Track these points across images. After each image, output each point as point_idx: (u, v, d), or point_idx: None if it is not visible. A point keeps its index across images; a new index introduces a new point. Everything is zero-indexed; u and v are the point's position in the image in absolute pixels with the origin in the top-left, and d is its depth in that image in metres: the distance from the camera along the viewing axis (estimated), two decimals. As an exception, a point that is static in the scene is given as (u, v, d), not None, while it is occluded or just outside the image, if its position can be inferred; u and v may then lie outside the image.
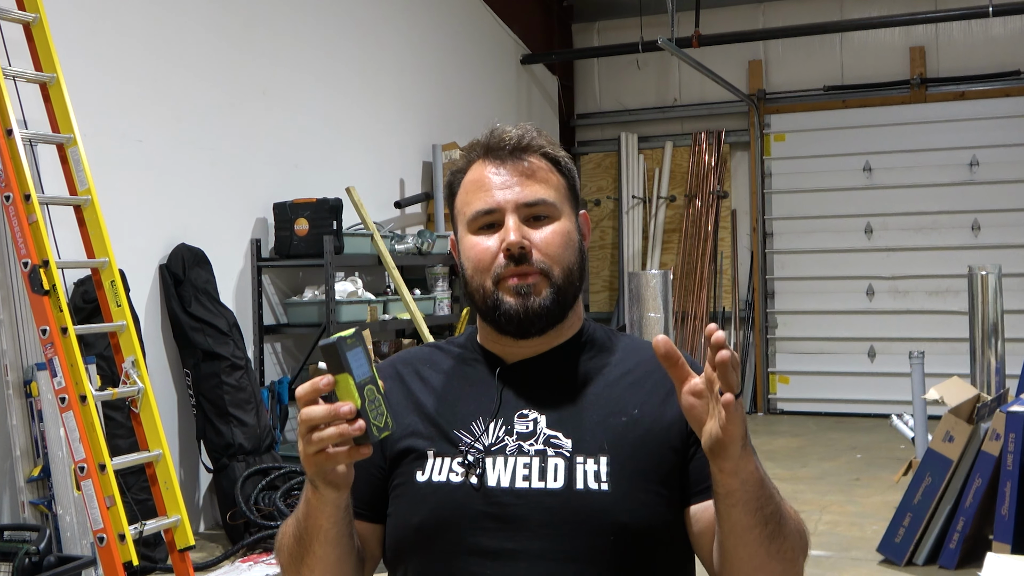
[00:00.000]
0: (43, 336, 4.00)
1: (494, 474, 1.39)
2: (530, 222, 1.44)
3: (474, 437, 1.42)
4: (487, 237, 1.45)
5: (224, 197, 5.86)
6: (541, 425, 1.41)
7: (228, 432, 5.27)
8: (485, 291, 1.44)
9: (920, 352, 5.43)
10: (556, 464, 1.38)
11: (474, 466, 1.39)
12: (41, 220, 4.08)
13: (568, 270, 1.44)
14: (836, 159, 9.19)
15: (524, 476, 1.38)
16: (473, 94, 8.61)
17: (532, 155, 1.47)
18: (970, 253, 8.47)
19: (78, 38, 4.88)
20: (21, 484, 4.37)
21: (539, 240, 1.43)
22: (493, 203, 1.44)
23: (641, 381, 1.46)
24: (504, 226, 1.43)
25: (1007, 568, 2.41)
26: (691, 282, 9.57)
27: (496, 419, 1.43)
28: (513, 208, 1.43)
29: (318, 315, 6.01)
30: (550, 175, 1.47)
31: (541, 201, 1.44)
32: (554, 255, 1.43)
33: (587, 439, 1.39)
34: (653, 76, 9.98)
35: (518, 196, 1.44)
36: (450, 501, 1.39)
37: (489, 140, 1.49)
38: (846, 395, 9.12)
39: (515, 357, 1.48)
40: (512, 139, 1.48)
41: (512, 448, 1.40)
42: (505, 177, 1.45)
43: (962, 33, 8.99)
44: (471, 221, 1.46)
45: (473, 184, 1.48)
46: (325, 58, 6.74)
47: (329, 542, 1.32)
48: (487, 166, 1.47)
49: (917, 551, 4.69)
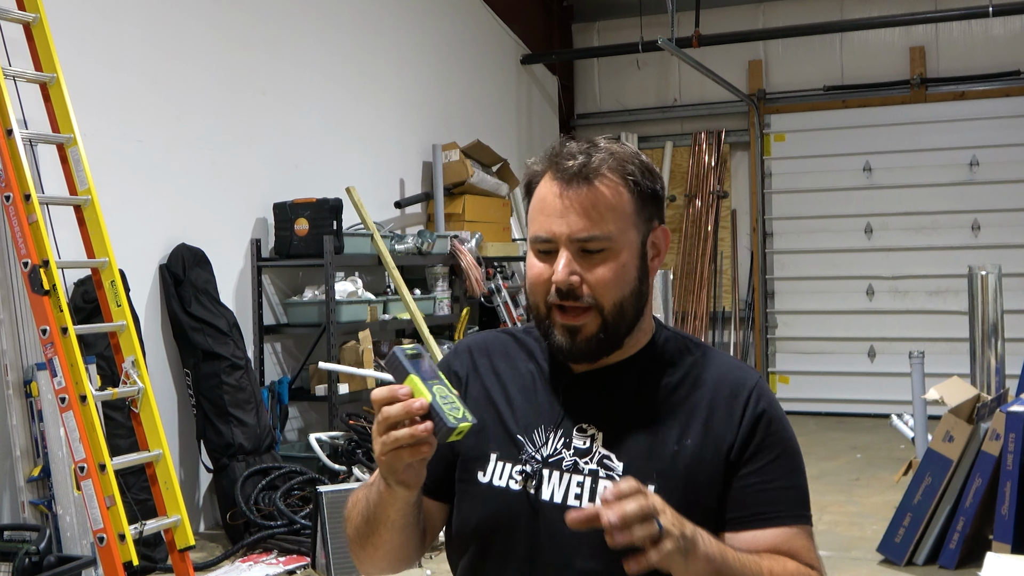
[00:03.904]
0: (43, 336, 4.00)
1: (548, 488, 1.44)
2: (584, 256, 1.43)
3: (535, 447, 1.47)
4: (544, 260, 1.45)
5: (224, 197, 5.86)
6: (598, 443, 1.45)
7: (228, 432, 5.27)
8: (539, 312, 1.47)
9: (920, 352, 5.43)
10: (606, 487, 1.39)
11: (532, 477, 1.44)
12: (41, 220, 4.08)
13: (619, 304, 1.44)
14: (836, 159, 9.18)
15: (576, 495, 1.42)
16: (473, 94, 8.61)
17: (601, 180, 1.43)
18: (970, 253, 8.46)
19: (78, 38, 4.88)
20: (21, 484, 4.37)
21: (591, 277, 1.42)
22: (549, 233, 1.43)
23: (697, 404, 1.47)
24: (557, 259, 1.43)
25: (1007, 568, 2.41)
26: (691, 282, 9.57)
27: (558, 430, 1.47)
28: (566, 242, 1.42)
29: (318, 315, 6.01)
30: (620, 201, 1.44)
31: (595, 237, 1.42)
32: (605, 292, 1.43)
33: (638, 464, 1.42)
34: (653, 76, 9.98)
35: (572, 230, 1.42)
36: (507, 509, 1.45)
37: (559, 155, 1.46)
38: (846, 395, 9.12)
39: (583, 367, 1.50)
40: (579, 162, 1.43)
41: (568, 464, 1.45)
42: (566, 204, 1.43)
43: (962, 33, 8.98)
44: (532, 241, 1.47)
45: (539, 202, 1.47)
46: (325, 58, 6.74)
47: (396, 531, 1.41)
48: (553, 185, 1.45)
49: (917, 551, 4.69)
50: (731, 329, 9.49)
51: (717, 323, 9.54)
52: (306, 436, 5.74)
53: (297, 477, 5.21)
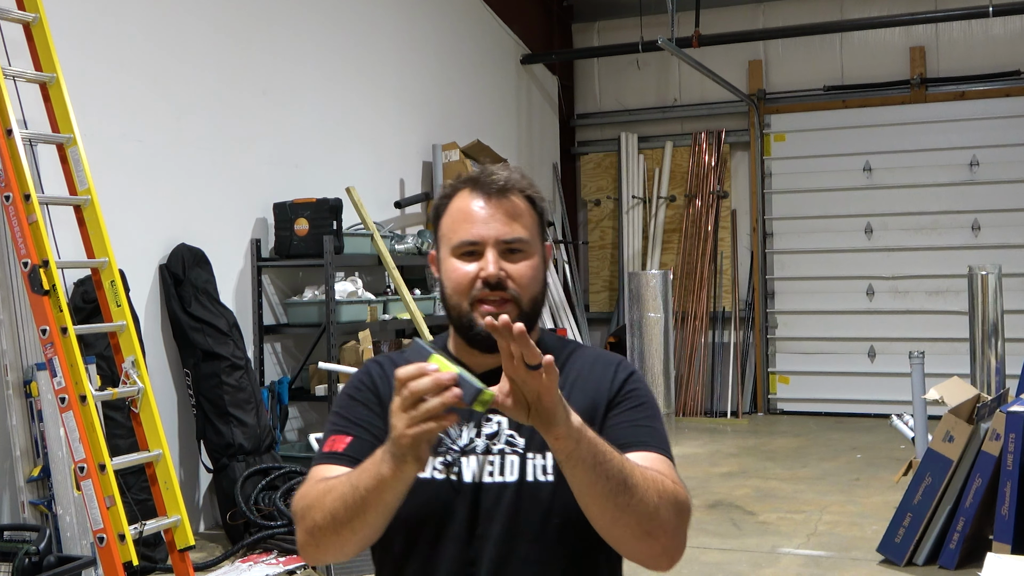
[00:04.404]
0: (43, 336, 4.00)
1: (468, 471, 1.64)
2: (506, 255, 1.66)
3: (451, 439, 1.66)
4: (468, 263, 1.66)
5: (224, 197, 5.86)
6: (504, 427, 1.67)
7: (228, 432, 5.27)
8: (461, 310, 1.66)
9: (920, 352, 5.43)
10: (512, 461, 1.64)
11: (452, 465, 1.64)
12: (41, 220, 4.08)
13: (535, 299, 1.68)
14: (836, 159, 9.19)
15: (489, 472, 1.64)
16: (473, 94, 8.61)
17: (514, 195, 1.69)
18: (970, 253, 8.47)
19: (78, 38, 4.88)
20: (21, 484, 4.37)
21: (514, 272, 1.65)
22: (477, 236, 1.65)
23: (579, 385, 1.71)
24: (484, 257, 1.65)
25: (1007, 568, 2.42)
26: (691, 282, 9.57)
27: (468, 422, 1.67)
28: (494, 243, 1.65)
29: (318, 315, 6.01)
30: (527, 214, 1.69)
31: (518, 240, 1.66)
32: (525, 286, 1.66)
33: (537, 438, 1.57)
34: (653, 76, 9.98)
35: (499, 233, 1.65)
36: (434, 498, 1.63)
37: (480, 175, 1.70)
38: (846, 395, 9.12)
39: (483, 367, 1.67)
40: (500, 180, 1.68)
41: (481, 447, 1.66)
42: (490, 212, 1.66)
43: (962, 33, 8.99)
44: (455, 247, 1.67)
45: (460, 212, 1.68)
46: (325, 58, 6.75)
47: (383, 514, 1.51)
48: (474, 198, 1.68)
49: (917, 551, 4.69)
50: (731, 329, 9.49)
51: (717, 323, 9.54)
52: (306, 436, 5.74)
53: (297, 477, 5.21)
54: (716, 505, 5.96)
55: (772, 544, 5.17)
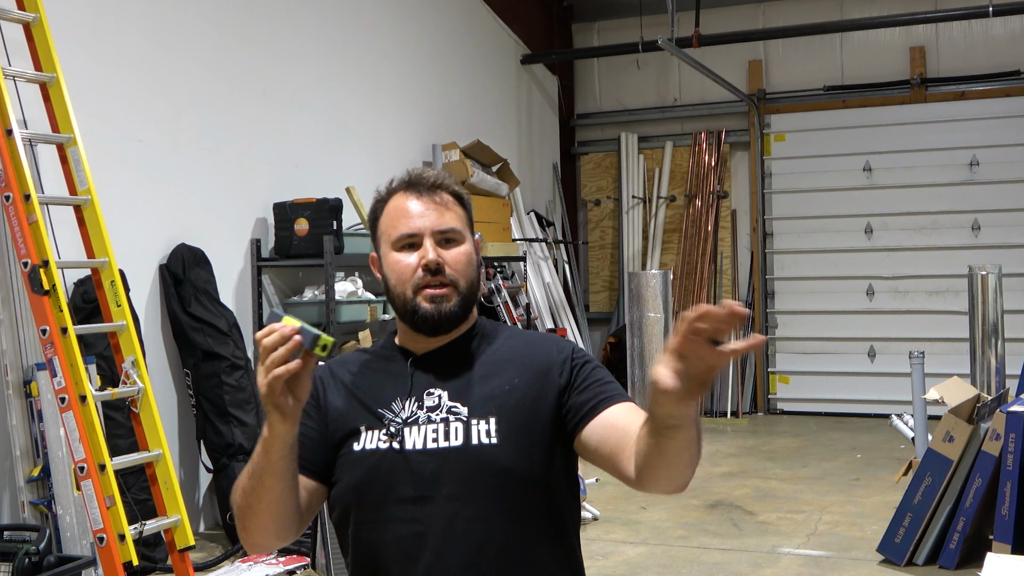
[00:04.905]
0: (43, 336, 4.00)
1: (411, 440, 1.76)
2: (442, 244, 1.82)
3: (394, 413, 1.79)
4: (408, 255, 1.81)
5: (224, 197, 5.86)
6: (444, 399, 1.80)
7: (228, 432, 5.27)
8: (405, 298, 1.81)
9: (920, 352, 5.43)
10: (456, 427, 1.76)
11: (395, 435, 1.76)
12: (41, 220, 4.08)
13: (471, 282, 1.84)
14: (836, 159, 9.19)
15: (433, 439, 1.75)
16: (473, 94, 8.61)
17: (444, 192, 1.86)
18: (970, 253, 8.47)
19: (78, 38, 4.88)
20: (21, 484, 4.36)
21: (450, 259, 1.81)
22: (415, 228, 1.81)
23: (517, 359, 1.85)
24: (423, 247, 1.80)
25: (1007, 568, 2.42)
26: (691, 282, 9.57)
27: (410, 397, 1.80)
28: (430, 233, 1.81)
29: (318, 315, 6.01)
30: (456, 208, 1.86)
31: (451, 229, 1.82)
32: (461, 271, 1.82)
33: (479, 406, 1.77)
34: (653, 76, 9.98)
35: (434, 224, 1.81)
36: (379, 464, 1.75)
37: (411, 177, 1.87)
38: (846, 395, 9.12)
39: (424, 349, 1.85)
40: (431, 179, 1.86)
41: (423, 419, 1.78)
42: (424, 207, 1.83)
43: (962, 33, 8.99)
44: (395, 241, 1.82)
45: (397, 211, 1.84)
46: (325, 58, 6.74)
47: (276, 475, 1.64)
48: (409, 198, 1.84)
49: (917, 551, 4.69)
50: (731, 329, 9.47)
51: (717, 323, 9.53)
52: (306, 436, 5.74)
53: (297, 477, 5.21)
54: (716, 505, 5.96)
55: (772, 544, 5.17)
